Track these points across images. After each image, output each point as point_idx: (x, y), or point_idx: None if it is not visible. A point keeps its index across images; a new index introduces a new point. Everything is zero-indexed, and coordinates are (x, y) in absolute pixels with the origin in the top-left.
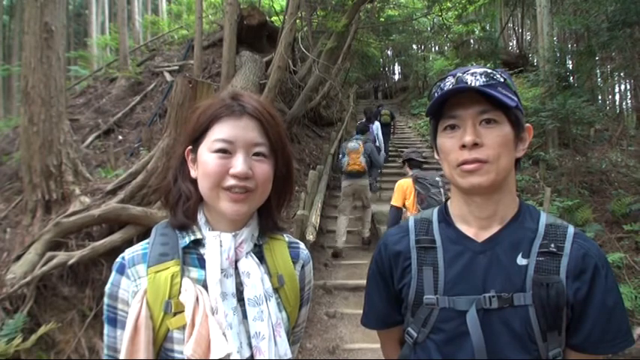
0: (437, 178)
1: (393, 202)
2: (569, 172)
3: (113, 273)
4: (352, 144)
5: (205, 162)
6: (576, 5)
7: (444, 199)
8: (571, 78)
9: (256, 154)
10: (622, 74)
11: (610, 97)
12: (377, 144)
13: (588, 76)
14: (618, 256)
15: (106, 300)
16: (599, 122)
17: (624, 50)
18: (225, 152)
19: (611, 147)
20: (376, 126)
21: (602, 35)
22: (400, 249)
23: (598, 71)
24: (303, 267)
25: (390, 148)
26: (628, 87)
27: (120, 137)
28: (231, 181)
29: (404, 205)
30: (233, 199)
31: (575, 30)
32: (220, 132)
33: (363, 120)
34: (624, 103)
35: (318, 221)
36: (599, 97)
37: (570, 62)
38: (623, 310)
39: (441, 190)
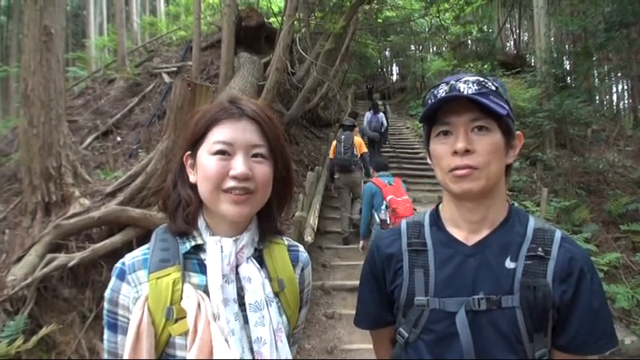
0: (342, 137)
1: (330, 157)
2: (566, 173)
3: (113, 279)
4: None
5: (205, 164)
6: (573, 6)
7: (342, 150)
8: (568, 79)
9: (255, 155)
10: (619, 75)
11: (607, 97)
12: (382, 130)
13: (585, 76)
14: (615, 256)
15: (106, 305)
16: (596, 123)
17: (621, 51)
18: (225, 154)
19: (608, 147)
20: (381, 115)
21: (599, 36)
22: (392, 252)
23: (595, 72)
24: (302, 270)
25: (388, 148)
26: (625, 87)
27: (118, 138)
28: (231, 183)
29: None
30: (234, 201)
31: (572, 31)
32: (219, 134)
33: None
34: (621, 104)
35: (316, 222)
36: (597, 98)
37: (567, 63)
38: (607, 312)
39: (342, 143)
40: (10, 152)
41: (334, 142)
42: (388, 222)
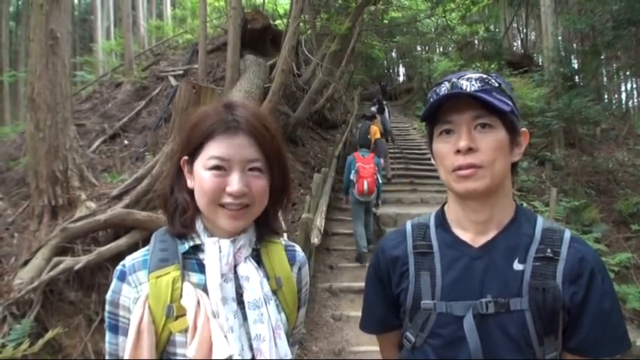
0: (359, 124)
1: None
2: (575, 172)
3: (114, 280)
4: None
5: (201, 179)
6: (580, 4)
7: (358, 135)
8: (576, 77)
9: (252, 169)
10: (628, 73)
11: (616, 96)
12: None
13: (594, 75)
14: (626, 256)
15: (107, 307)
16: (605, 121)
17: (630, 49)
18: (221, 169)
19: (618, 146)
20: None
21: (607, 34)
22: (398, 254)
23: (604, 70)
24: (299, 269)
25: (395, 150)
26: (634, 86)
27: (126, 142)
28: (227, 199)
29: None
30: (231, 216)
31: (579, 29)
32: (215, 149)
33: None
34: (630, 102)
35: (323, 224)
36: (605, 97)
37: (575, 62)
38: (619, 313)
39: (359, 129)
40: (19, 156)
41: (354, 131)
42: (355, 181)
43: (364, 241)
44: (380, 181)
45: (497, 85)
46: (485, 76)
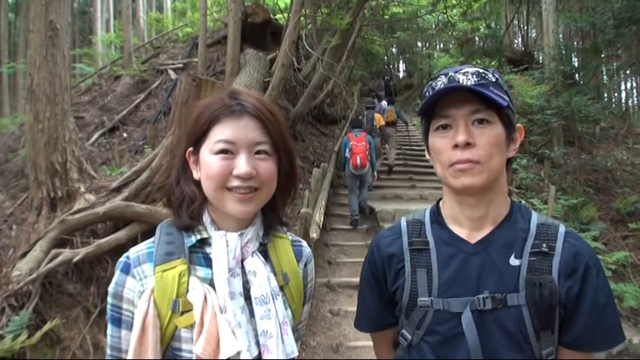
0: (365, 112)
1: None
2: (574, 170)
3: (117, 272)
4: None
5: (208, 164)
6: (582, 2)
7: (365, 122)
8: (576, 75)
9: (259, 152)
10: (628, 72)
11: (616, 94)
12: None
13: (594, 73)
14: (623, 254)
15: (110, 300)
16: (604, 120)
17: (630, 48)
18: (228, 153)
19: (617, 145)
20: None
21: (608, 32)
22: (393, 251)
23: (604, 69)
24: (306, 265)
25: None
26: (634, 84)
27: (125, 135)
28: (235, 182)
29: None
30: (239, 199)
31: (580, 27)
32: (221, 133)
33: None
34: (630, 101)
35: (322, 219)
36: (605, 95)
37: (576, 60)
38: (614, 308)
39: (365, 117)
40: (18, 148)
41: (360, 118)
42: (349, 157)
43: (356, 210)
44: (373, 156)
45: (494, 79)
46: (482, 70)
